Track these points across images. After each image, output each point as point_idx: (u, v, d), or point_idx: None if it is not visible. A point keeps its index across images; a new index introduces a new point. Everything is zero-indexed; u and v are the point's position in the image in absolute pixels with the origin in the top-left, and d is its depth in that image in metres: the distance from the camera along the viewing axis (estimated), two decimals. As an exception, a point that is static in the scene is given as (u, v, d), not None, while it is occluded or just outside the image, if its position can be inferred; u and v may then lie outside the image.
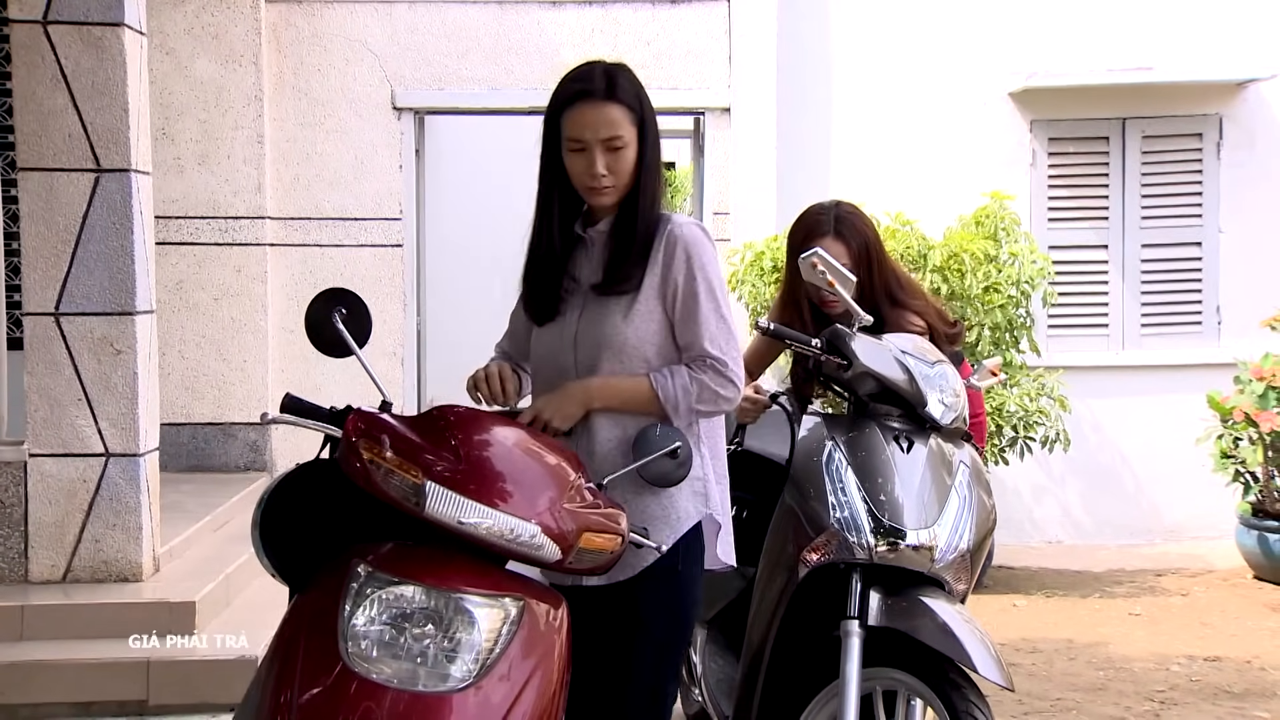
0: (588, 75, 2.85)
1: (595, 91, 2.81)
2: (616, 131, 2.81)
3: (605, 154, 2.82)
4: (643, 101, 2.87)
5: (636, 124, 2.84)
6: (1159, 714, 5.01)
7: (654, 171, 2.90)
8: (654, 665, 2.87)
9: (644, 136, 2.86)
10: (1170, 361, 8.21)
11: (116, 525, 5.42)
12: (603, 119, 2.81)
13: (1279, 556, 7.02)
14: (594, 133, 2.81)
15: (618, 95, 2.82)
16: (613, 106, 2.81)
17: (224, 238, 7.72)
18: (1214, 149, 8.29)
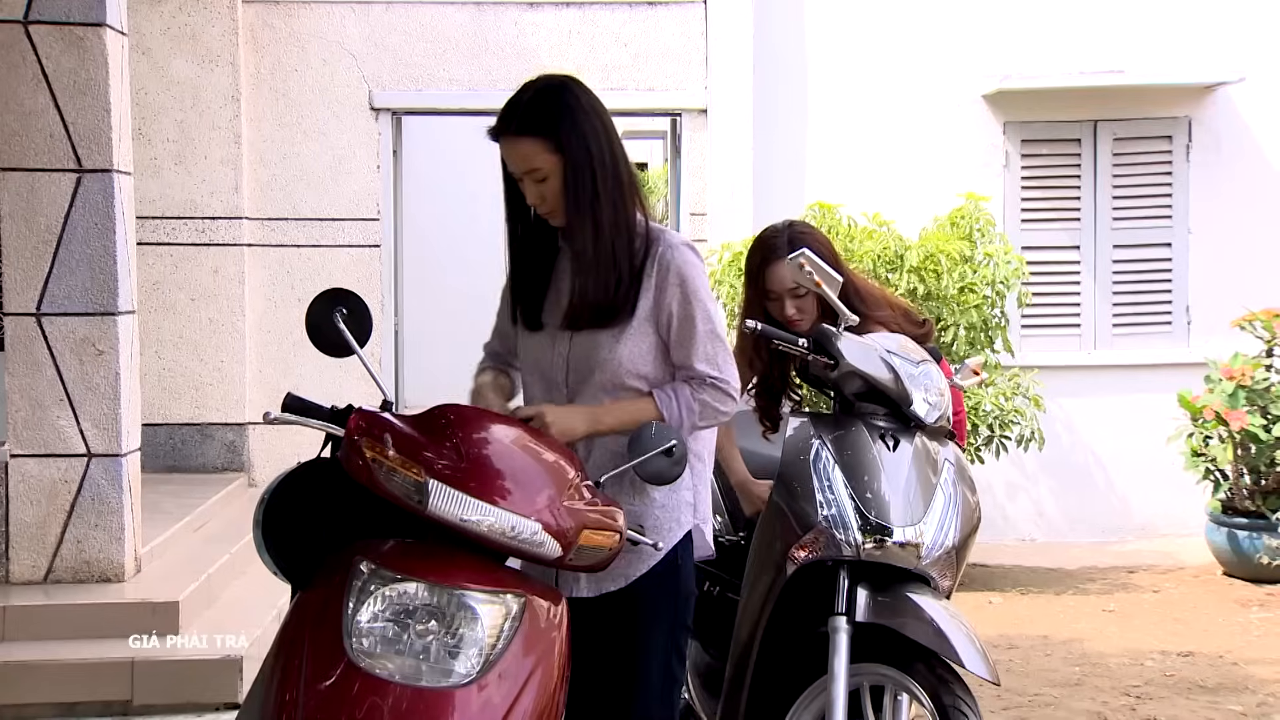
0: (507, 106, 2.83)
1: (506, 127, 2.80)
2: (531, 165, 2.79)
3: (532, 185, 2.82)
4: (566, 125, 2.77)
5: (555, 149, 2.77)
6: (1135, 708, 5.08)
7: (592, 192, 2.79)
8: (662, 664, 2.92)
9: (570, 160, 2.78)
10: (1141, 361, 8.32)
11: (98, 526, 5.42)
12: (516, 154, 2.80)
13: (1248, 553, 7.12)
14: (514, 167, 2.83)
15: (526, 128, 2.77)
16: (522, 141, 2.78)
17: (201, 238, 7.71)
18: (1183, 151, 8.40)
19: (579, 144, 2.78)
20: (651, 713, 2.91)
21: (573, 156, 2.78)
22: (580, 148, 2.78)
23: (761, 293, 3.87)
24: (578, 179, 2.79)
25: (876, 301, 3.99)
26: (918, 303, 6.68)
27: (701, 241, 8.02)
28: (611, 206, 2.82)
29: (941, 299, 6.81)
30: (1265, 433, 7.03)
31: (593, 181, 2.79)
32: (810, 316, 3.84)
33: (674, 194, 8.43)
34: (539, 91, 2.82)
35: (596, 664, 2.89)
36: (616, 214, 2.83)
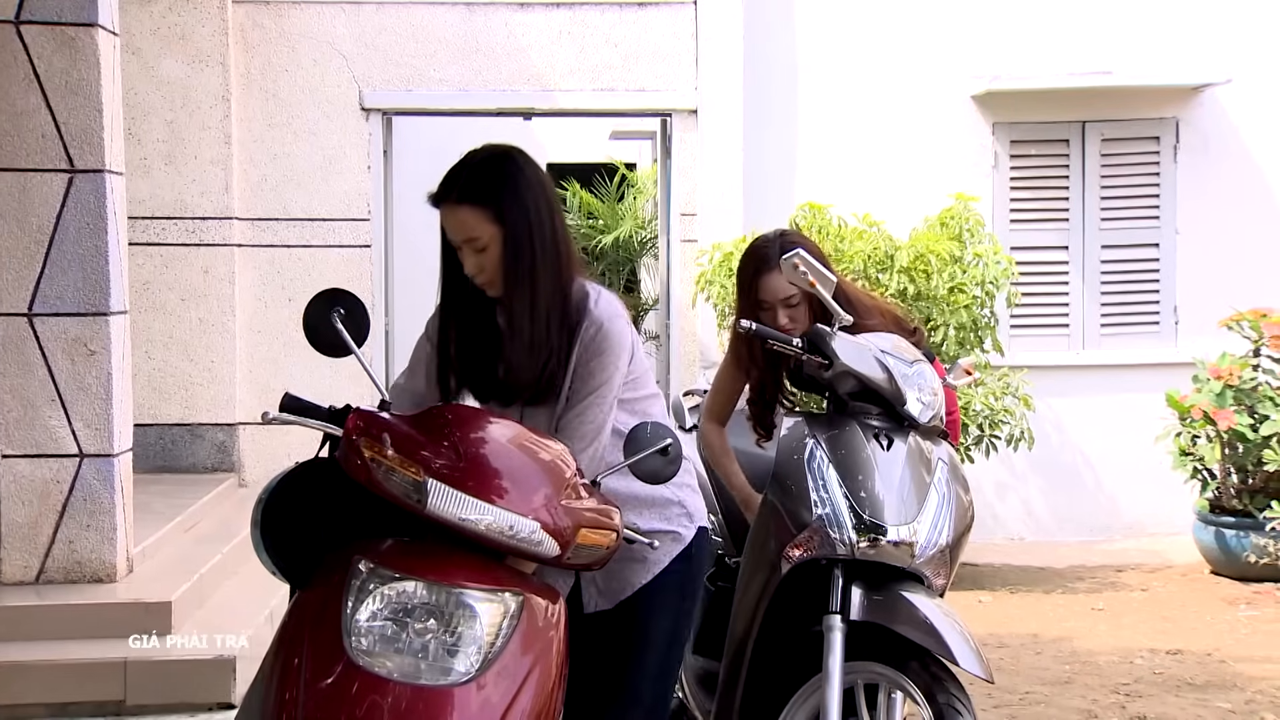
0: (449, 175, 2.83)
1: (448, 194, 2.80)
2: (470, 234, 2.78)
3: (471, 254, 2.81)
4: (507, 195, 2.77)
5: (496, 219, 2.76)
6: (1125, 706, 5.11)
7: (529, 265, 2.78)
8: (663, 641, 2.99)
9: (510, 231, 2.77)
10: (1129, 361, 8.36)
11: (91, 526, 5.41)
12: (456, 222, 2.80)
13: (1235, 552, 7.16)
14: (453, 235, 2.82)
15: (468, 196, 2.77)
16: (462, 209, 2.78)
17: (191, 238, 7.71)
18: (1171, 152, 8.44)
19: (520, 215, 2.77)
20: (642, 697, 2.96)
21: (512, 227, 2.77)
22: (521, 219, 2.77)
23: (755, 304, 3.86)
24: (517, 250, 2.77)
25: (867, 309, 3.99)
26: (908, 303, 6.71)
27: (692, 242, 8.05)
28: (550, 279, 2.81)
29: (931, 299, 6.84)
30: (1252, 432, 7.07)
31: (531, 254, 2.78)
32: (803, 326, 3.83)
33: (664, 194, 8.45)
34: (482, 161, 2.83)
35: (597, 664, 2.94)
36: (553, 288, 2.82)
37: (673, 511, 3.08)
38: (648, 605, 3.00)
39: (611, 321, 2.85)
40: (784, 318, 3.84)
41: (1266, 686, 5.36)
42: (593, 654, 2.99)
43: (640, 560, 2.97)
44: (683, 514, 3.09)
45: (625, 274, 12.90)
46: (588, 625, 3.00)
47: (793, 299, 3.83)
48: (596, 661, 2.99)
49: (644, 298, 12.68)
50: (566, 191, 12.76)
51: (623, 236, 12.46)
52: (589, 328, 2.84)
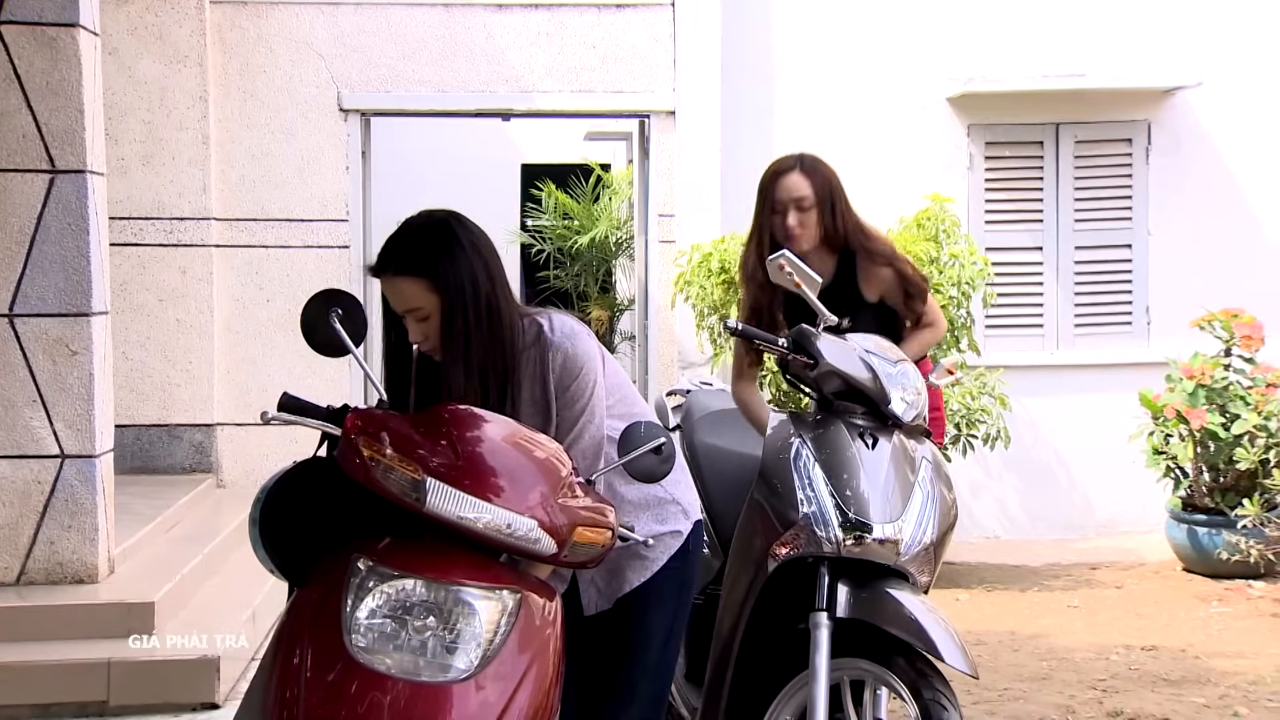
0: (387, 245, 2.83)
1: (386, 267, 2.81)
2: (411, 305, 2.80)
3: (415, 323, 2.83)
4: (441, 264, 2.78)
5: (435, 288, 2.78)
6: (1102, 701, 5.17)
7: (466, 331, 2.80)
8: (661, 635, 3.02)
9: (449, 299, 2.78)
10: (1102, 361, 8.44)
11: (72, 527, 5.41)
12: (396, 294, 2.82)
13: (1207, 549, 7.24)
14: (395, 305, 2.84)
15: (406, 269, 2.79)
16: (401, 281, 2.79)
17: (169, 239, 7.69)
18: (1143, 154, 8.53)
19: (455, 283, 2.78)
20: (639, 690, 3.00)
21: (449, 295, 2.78)
22: (456, 287, 2.79)
23: (770, 207, 4.16)
24: (453, 316, 2.79)
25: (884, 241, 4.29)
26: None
27: (670, 243, 8.08)
28: (483, 344, 2.82)
29: (909, 299, 6.87)
30: (1224, 431, 7.15)
31: (465, 318, 2.79)
32: (810, 234, 4.12)
33: (642, 195, 8.48)
34: (418, 229, 2.84)
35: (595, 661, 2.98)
36: (488, 349, 2.83)
37: (669, 511, 3.13)
38: (645, 603, 3.05)
39: (573, 342, 2.91)
40: (793, 219, 4.10)
41: (1239, 681, 5.44)
42: (591, 652, 3.03)
43: (639, 558, 3.02)
44: (679, 511, 3.15)
45: (601, 275, 12.93)
46: (587, 625, 3.04)
47: (804, 201, 4.13)
48: (594, 659, 3.03)
49: (620, 298, 12.71)
50: (542, 192, 12.79)
51: (598, 237, 12.48)
52: (554, 356, 2.88)
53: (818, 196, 4.15)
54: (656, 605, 3.07)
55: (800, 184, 4.16)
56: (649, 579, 3.06)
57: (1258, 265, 8.49)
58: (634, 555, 3.04)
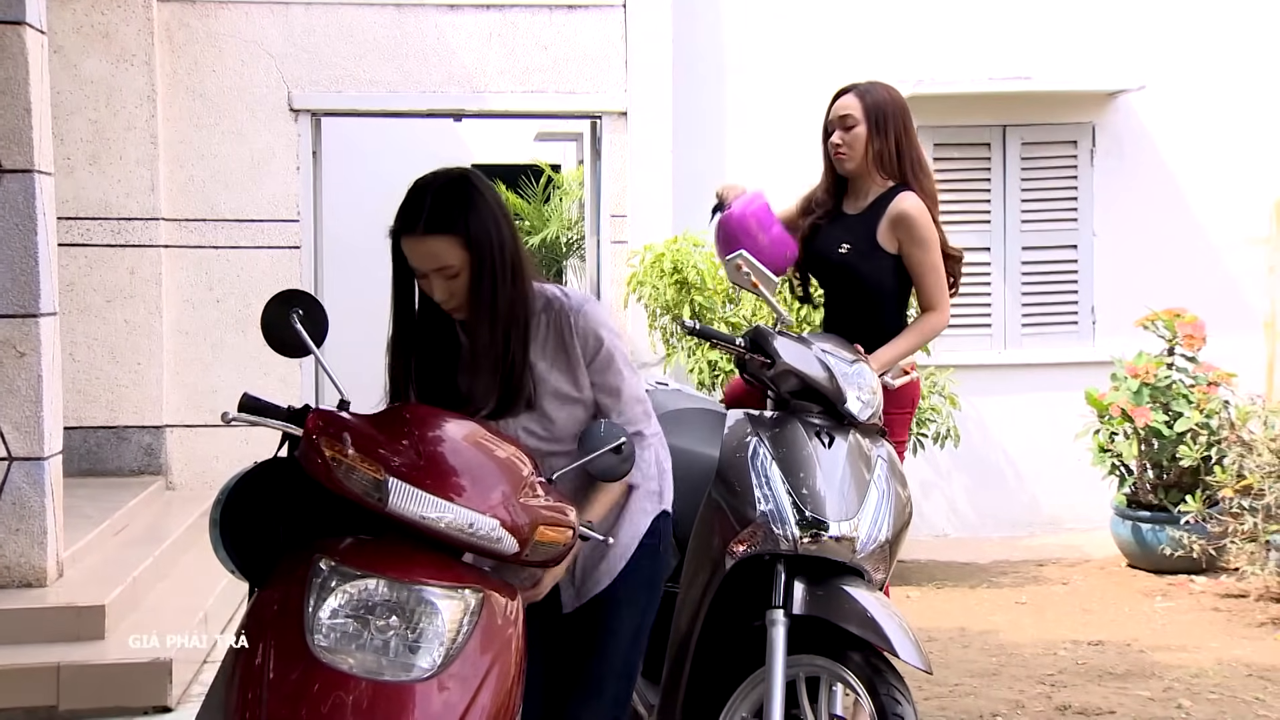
0: (410, 206, 2.81)
1: (414, 227, 2.79)
2: (441, 263, 2.79)
3: (441, 282, 2.83)
4: (472, 220, 2.79)
5: (465, 245, 2.79)
6: (1050, 695, 5.25)
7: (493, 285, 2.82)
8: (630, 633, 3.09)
9: (478, 255, 2.80)
10: (1049, 360, 8.55)
11: (20, 530, 5.35)
12: (424, 253, 2.80)
13: (1151, 545, 7.35)
14: (421, 265, 2.83)
15: (435, 227, 2.78)
16: (431, 240, 2.78)
17: (117, 239, 7.62)
18: (1088, 156, 8.64)
19: (485, 238, 2.80)
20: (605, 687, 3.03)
21: (479, 250, 2.80)
22: (486, 241, 2.80)
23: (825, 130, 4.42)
24: (481, 272, 2.80)
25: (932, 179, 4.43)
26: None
27: (622, 243, 8.10)
28: (508, 297, 2.84)
29: (859, 300, 6.93)
30: (1168, 429, 7.27)
31: (493, 273, 2.81)
32: (855, 154, 4.31)
33: (594, 196, 8.50)
34: (441, 188, 2.82)
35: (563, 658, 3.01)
36: (514, 303, 2.86)
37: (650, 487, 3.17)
38: (615, 602, 3.07)
39: (590, 304, 3.00)
40: (837, 136, 4.32)
41: (1183, 675, 5.53)
42: (559, 647, 3.05)
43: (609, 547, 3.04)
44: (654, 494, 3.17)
45: (552, 275, 12.94)
46: (556, 621, 3.06)
47: (849, 120, 4.32)
48: (562, 654, 3.05)
49: (570, 299, 12.71)
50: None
51: (549, 238, 12.49)
52: (576, 319, 2.94)
53: (866, 116, 4.29)
54: (627, 604, 3.09)
55: (849, 103, 4.34)
56: (619, 577, 3.07)
57: (1199, 265, 8.64)
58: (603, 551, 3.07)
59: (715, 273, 7.07)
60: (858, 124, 4.30)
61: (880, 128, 4.30)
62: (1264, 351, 8.63)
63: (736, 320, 6.92)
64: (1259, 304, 8.71)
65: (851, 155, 4.32)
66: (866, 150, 4.30)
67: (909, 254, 4.29)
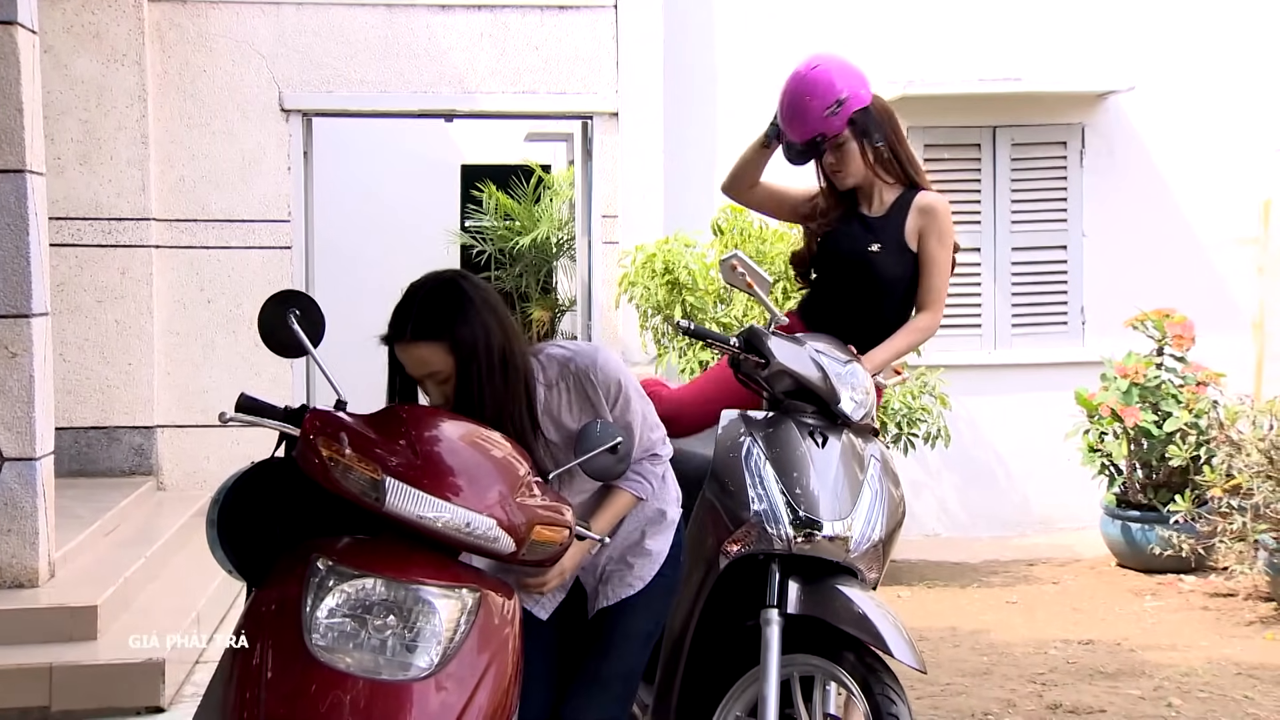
0: (400, 313, 2.83)
1: (401, 334, 2.81)
2: (430, 369, 2.81)
3: (435, 386, 2.85)
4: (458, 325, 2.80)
5: (450, 349, 2.79)
6: (1042, 694, 5.27)
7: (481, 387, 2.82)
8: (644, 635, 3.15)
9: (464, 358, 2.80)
10: (1038, 360, 8.57)
11: (12, 530, 5.34)
12: (414, 359, 2.82)
13: (1141, 544, 7.38)
14: (413, 370, 2.84)
15: (422, 334, 2.79)
16: (418, 346, 2.79)
17: (107, 239, 7.61)
18: (1078, 156, 8.67)
19: (470, 340, 2.80)
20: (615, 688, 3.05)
21: (464, 354, 2.80)
22: (471, 344, 2.80)
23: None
24: (469, 375, 2.81)
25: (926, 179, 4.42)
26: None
27: (613, 244, 8.11)
28: (495, 396, 2.83)
29: (850, 300, 6.95)
30: (1157, 428, 7.29)
31: (479, 376, 2.81)
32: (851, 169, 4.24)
33: (585, 197, 8.50)
34: (430, 293, 2.83)
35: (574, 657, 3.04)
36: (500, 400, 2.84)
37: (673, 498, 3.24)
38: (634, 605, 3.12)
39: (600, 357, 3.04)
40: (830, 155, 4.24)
41: (1173, 673, 5.56)
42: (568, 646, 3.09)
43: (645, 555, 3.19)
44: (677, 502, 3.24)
45: (542, 275, 12.93)
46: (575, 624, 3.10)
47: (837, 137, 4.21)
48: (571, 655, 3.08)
49: (561, 299, 12.71)
50: (483, 193, 12.77)
51: (539, 238, 12.47)
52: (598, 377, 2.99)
53: (852, 129, 4.21)
54: (644, 609, 3.16)
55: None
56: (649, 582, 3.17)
57: (1188, 266, 8.67)
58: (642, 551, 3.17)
59: (707, 273, 7.09)
60: (846, 140, 4.24)
61: (868, 136, 4.27)
62: (1252, 352, 8.67)
63: (728, 320, 6.94)
64: (1247, 304, 8.75)
65: (848, 171, 4.23)
66: (864, 160, 4.24)
67: (927, 248, 4.25)
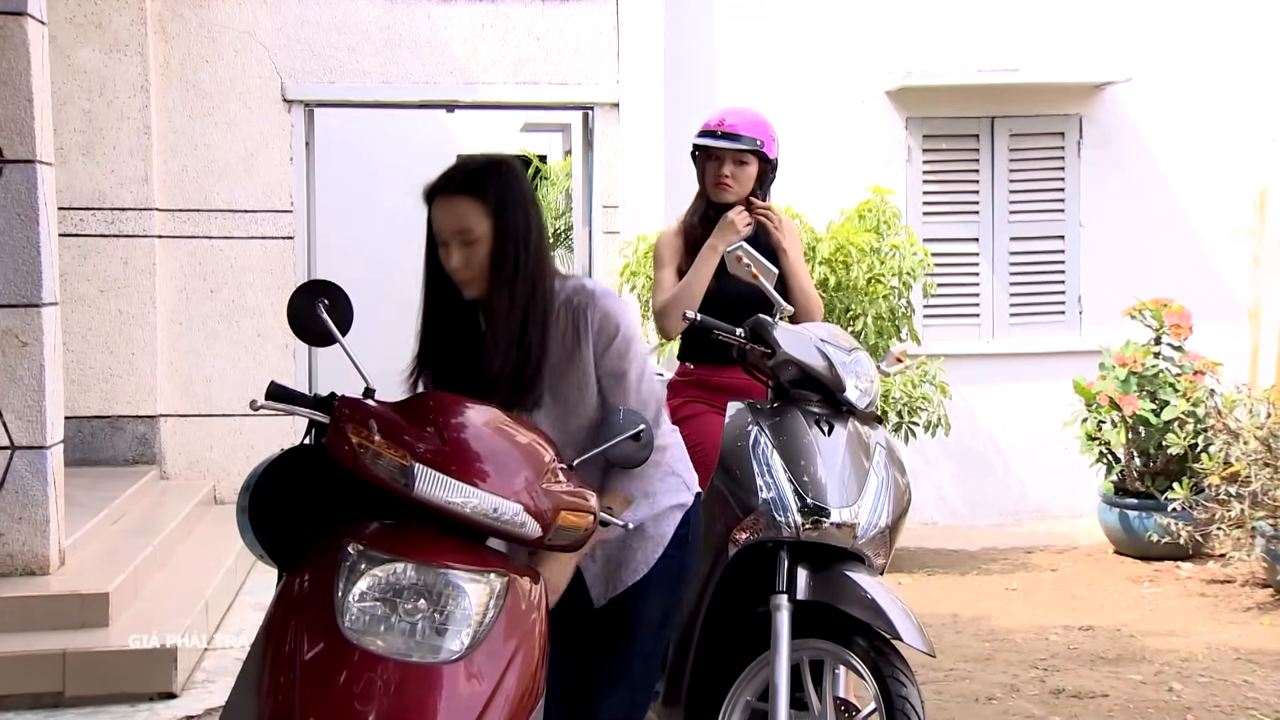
0: (448, 171, 2.89)
1: (447, 186, 2.86)
2: (463, 225, 2.83)
3: (459, 249, 2.86)
4: (503, 194, 2.85)
5: (490, 215, 2.83)
6: (1044, 680, 5.33)
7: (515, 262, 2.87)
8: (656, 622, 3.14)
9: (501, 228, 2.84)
10: (1036, 349, 8.64)
11: (23, 519, 5.38)
12: (452, 214, 2.84)
13: (1138, 532, 7.45)
14: (446, 226, 2.87)
15: (469, 189, 2.84)
16: (460, 200, 2.83)
17: (110, 229, 7.64)
18: (1075, 147, 8.73)
19: (512, 217, 2.86)
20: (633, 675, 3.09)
21: (504, 227, 2.85)
22: (512, 221, 2.86)
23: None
24: (504, 252, 2.86)
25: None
26: (829, 293, 6.89)
27: (614, 234, 8.15)
28: (529, 284, 2.89)
29: (851, 290, 7.01)
30: (1155, 417, 7.36)
31: (516, 258, 2.86)
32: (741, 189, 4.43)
33: (585, 187, 8.54)
34: (482, 162, 2.91)
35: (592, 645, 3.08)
36: (533, 292, 2.90)
37: (670, 484, 3.22)
38: (646, 593, 3.13)
39: (611, 299, 3.02)
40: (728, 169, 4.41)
41: (1173, 659, 5.62)
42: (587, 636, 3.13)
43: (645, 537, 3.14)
44: (680, 484, 3.24)
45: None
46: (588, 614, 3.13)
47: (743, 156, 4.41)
48: (590, 643, 3.12)
49: (558, 289, 12.73)
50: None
51: (537, 228, 12.50)
52: (593, 312, 2.97)
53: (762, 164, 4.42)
54: (656, 594, 3.16)
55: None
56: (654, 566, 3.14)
57: (1185, 255, 8.74)
58: (641, 535, 3.14)
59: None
60: (750, 163, 4.41)
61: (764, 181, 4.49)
62: (1248, 341, 8.74)
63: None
64: (1243, 294, 8.82)
65: (738, 191, 4.45)
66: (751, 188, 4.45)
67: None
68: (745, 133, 4.42)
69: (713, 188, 4.47)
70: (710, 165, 4.47)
